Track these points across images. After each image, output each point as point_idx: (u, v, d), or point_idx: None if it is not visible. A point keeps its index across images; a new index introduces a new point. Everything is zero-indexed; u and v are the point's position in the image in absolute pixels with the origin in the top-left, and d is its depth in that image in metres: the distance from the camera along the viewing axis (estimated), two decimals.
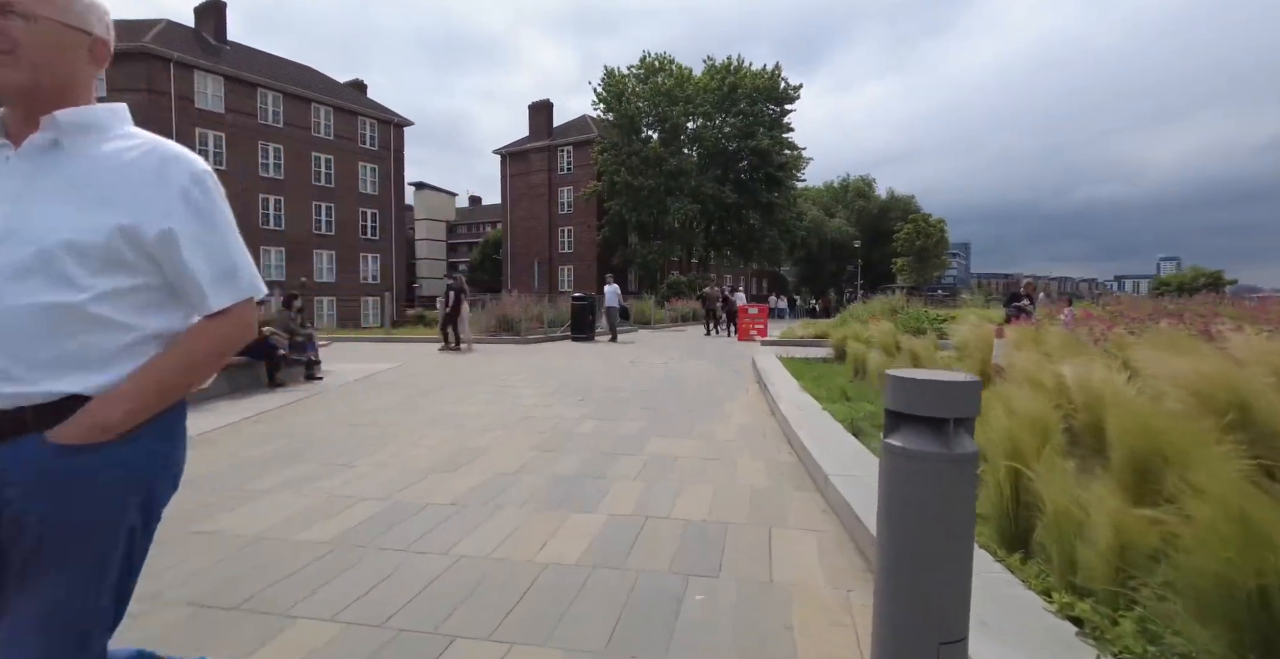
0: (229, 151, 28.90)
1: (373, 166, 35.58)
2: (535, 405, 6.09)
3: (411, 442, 4.57)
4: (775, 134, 35.35)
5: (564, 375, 8.42)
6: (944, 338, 8.84)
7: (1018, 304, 10.15)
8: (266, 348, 7.36)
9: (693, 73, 35.39)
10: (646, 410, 5.81)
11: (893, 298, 16.20)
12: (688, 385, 7.46)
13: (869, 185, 56.96)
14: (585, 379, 8.06)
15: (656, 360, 10.57)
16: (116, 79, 25.88)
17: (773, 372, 7.65)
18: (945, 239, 16.29)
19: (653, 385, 7.51)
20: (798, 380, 6.94)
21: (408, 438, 4.70)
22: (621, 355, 11.51)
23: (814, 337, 13.65)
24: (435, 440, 4.61)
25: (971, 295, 16.50)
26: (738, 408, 5.98)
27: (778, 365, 8.41)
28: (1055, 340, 6.61)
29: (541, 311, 16.45)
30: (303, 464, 3.95)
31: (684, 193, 34.03)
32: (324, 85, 34.46)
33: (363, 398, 6.67)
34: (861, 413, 4.96)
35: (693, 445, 4.46)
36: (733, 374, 8.77)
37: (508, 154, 42.90)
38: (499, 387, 7.39)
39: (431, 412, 5.78)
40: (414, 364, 9.93)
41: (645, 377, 8.35)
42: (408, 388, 7.33)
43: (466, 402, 6.32)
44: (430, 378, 8.24)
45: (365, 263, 35.31)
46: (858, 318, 15.56)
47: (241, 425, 5.25)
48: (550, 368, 9.32)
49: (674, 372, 8.95)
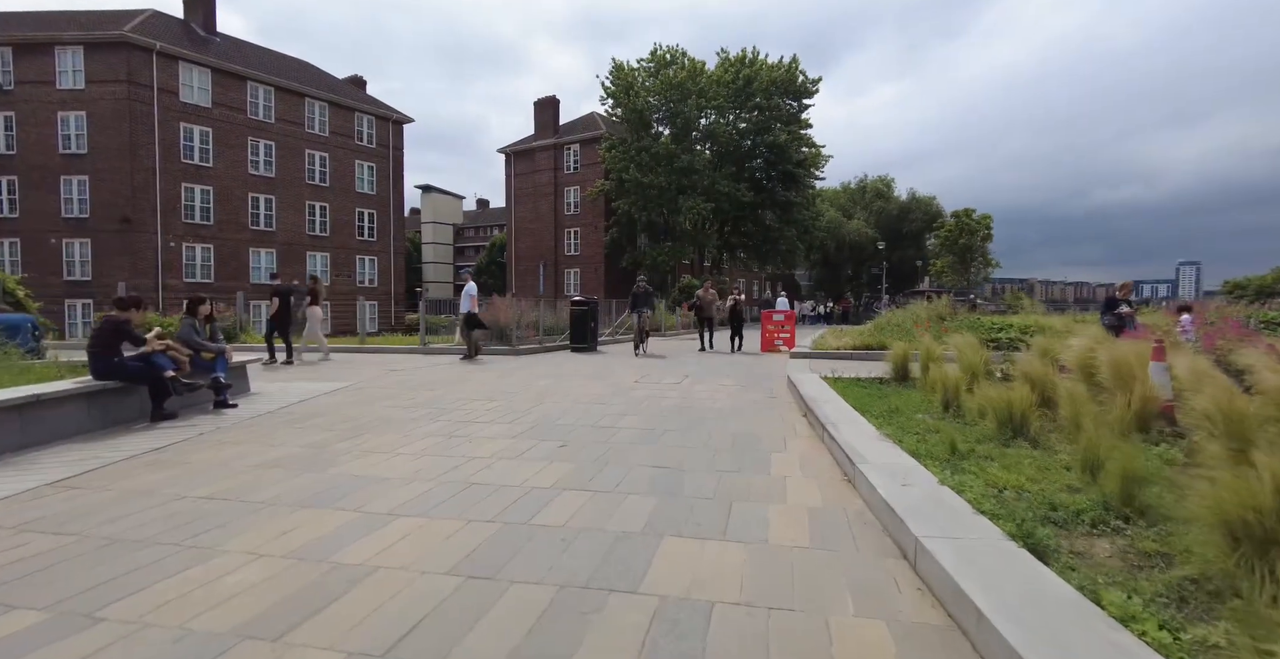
0: (216, 147, 27.37)
1: (370, 165, 34.00)
2: (493, 459, 4.19)
3: (256, 544, 2.69)
4: (793, 129, 33.42)
5: (549, 403, 6.52)
6: (1017, 352, 6.83)
7: (1119, 311, 8.15)
8: (152, 369, 5.53)
9: (705, 66, 33.55)
10: (656, 473, 3.89)
11: (936, 302, 14.18)
12: (711, 422, 5.53)
13: (888, 186, 54.76)
14: (573, 410, 6.15)
15: (667, 378, 8.64)
16: (95, 70, 24.49)
17: (824, 401, 5.70)
18: (991, 236, 14.53)
19: (663, 421, 5.58)
20: (865, 416, 5.01)
21: (259, 533, 2.82)
22: (622, 372, 9.60)
23: (852, 348, 11.66)
24: (299, 542, 2.73)
25: (1031, 301, 14.42)
26: (792, 467, 4.04)
27: (826, 390, 6.46)
28: (1190, 361, 4.70)
29: (538, 318, 14.61)
30: (19, 611, 2.07)
31: (696, 191, 32.13)
32: (319, 80, 32.96)
33: (263, 440, 4.80)
34: (1015, 495, 3.01)
35: (736, 564, 2.53)
36: (767, 399, 6.83)
37: (512, 153, 41.23)
38: (457, 422, 5.50)
39: (338, 471, 3.91)
40: (373, 383, 8.08)
41: (653, 406, 6.42)
42: (336, 424, 5.46)
43: (398, 451, 4.44)
44: (376, 406, 6.37)
45: (362, 265, 33.70)
46: (901, 326, 13.57)
47: (41, 494, 3.40)
48: (534, 391, 7.41)
49: (691, 397, 7.02)
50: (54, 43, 24.50)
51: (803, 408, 6.01)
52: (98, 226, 24.85)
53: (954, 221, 14.32)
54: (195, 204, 26.82)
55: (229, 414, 5.94)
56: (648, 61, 33.65)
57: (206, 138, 27.13)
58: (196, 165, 26.80)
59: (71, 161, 24.78)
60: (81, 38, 24.42)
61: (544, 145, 39.46)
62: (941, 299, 14.84)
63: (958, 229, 14.41)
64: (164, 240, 25.67)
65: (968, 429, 4.55)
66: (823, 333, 18.06)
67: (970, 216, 14.90)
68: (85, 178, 24.81)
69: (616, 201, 33.98)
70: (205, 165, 27.12)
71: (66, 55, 24.55)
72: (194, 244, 26.80)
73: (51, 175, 24.80)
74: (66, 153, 24.77)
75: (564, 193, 39.27)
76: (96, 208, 24.83)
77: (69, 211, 24.97)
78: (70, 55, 24.53)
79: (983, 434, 4.34)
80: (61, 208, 24.93)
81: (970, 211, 14.79)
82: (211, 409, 6.11)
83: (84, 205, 24.92)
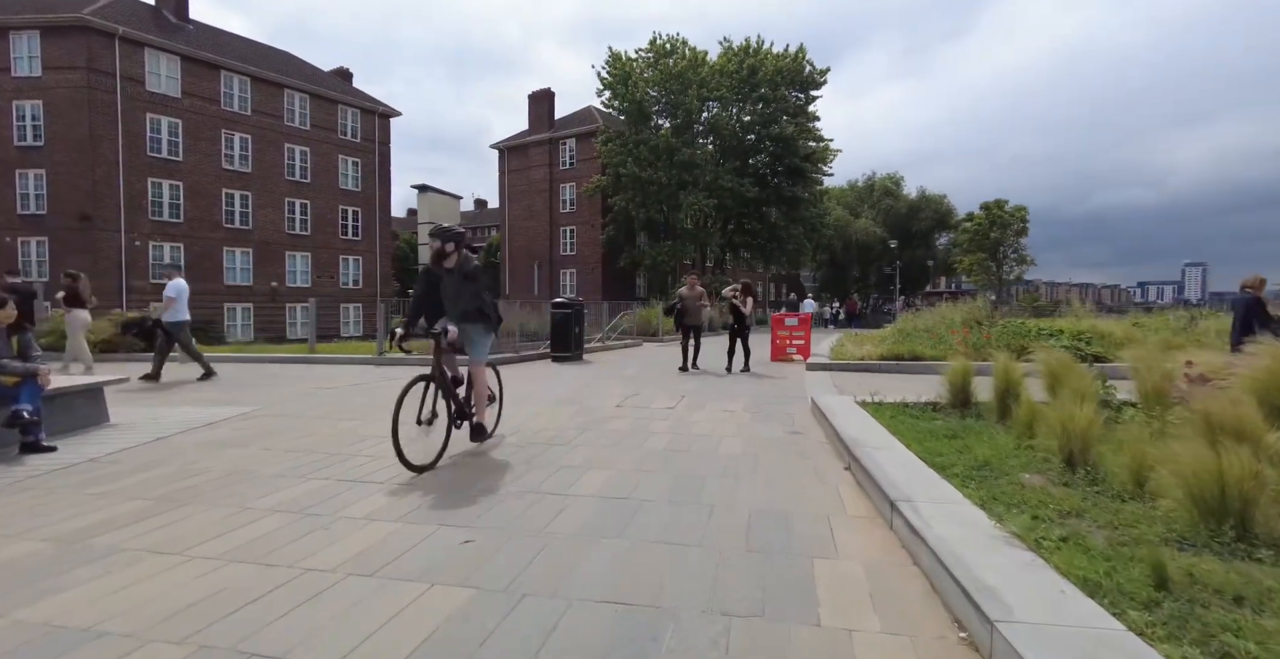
0: (186, 140, 25.68)
1: (355, 160, 32.31)
2: (341, 574, 2.42)
3: None
4: (800, 121, 31.64)
5: (486, 446, 4.76)
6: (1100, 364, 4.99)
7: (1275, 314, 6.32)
8: None
9: (707, 56, 31.81)
10: (612, 620, 2.12)
11: (971, 304, 12.38)
12: (712, 486, 3.74)
13: (897, 184, 52.84)
14: (517, 458, 4.40)
15: (658, 401, 6.85)
16: (52, 56, 22.86)
17: (874, 446, 3.93)
18: (1026, 229, 13.02)
19: (641, 483, 3.80)
20: (947, 479, 3.25)
21: None
22: (604, 390, 7.84)
23: (879, 358, 9.88)
24: None
25: (1080, 303, 12.61)
26: (855, 599, 2.26)
27: (870, 425, 4.70)
28: None
29: (520, 323, 12.88)
30: None
31: (698, 186, 30.34)
32: (299, 70, 31.30)
33: (7, 521, 3.05)
34: None
35: None
36: (789, 437, 5.06)
37: (506, 149, 39.52)
38: (338, 482, 3.74)
39: (32, 616, 2.15)
40: (281, 408, 6.33)
41: (631, 450, 4.65)
42: (162, 483, 3.71)
43: (195, 551, 2.67)
44: (250, 449, 4.61)
45: (345, 266, 31.99)
46: (931, 331, 11.79)
47: None
48: None
49: (685, 432, 5.24)
50: (7, 27, 22.85)
51: (843, 454, 4.24)
52: (56, 224, 23.18)
53: (983, 214, 12.89)
54: (164, 200, 25.13)
55: (32, 462, 4.20)
56: (646, 51, 31.91)
57: (176, 130, 25.45)
58: (165, 159, 25.12)
59: (27, 154, 23.12)
60: (37, 21, 22.78)
61: (538, 140, 37.74)
62: (976, 300, 13.04)
63: (988, 222, 12.94)
64: (128, 239, 24.00)
65: (1131, 510, 2.77)
66: (837, 337, 16.27)
67: (1002, 208, 13.44)
68: (42, 171, 23.14)
69: (614, 198, 32.23)
70: (174, 159, 25.43)
71: (21, 40, 22.90)
72: (162, 243, 25.11)
73: (6, 169, 23.14)
74: (22, 145, 23.10)
75: (559, 190, 37.55)
76: (54, 203, 23.15)
77: (24, 208, 23.30)
78: (25, 40, 22.89)
79: (1172, 528, 2.57)
80: (17, 204, 23.26)
81: (1002, 203, 13.32)
82: (16, 454, 4.37)
83: (40, 201, 23.25)
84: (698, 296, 10.13)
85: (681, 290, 10.31)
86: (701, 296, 10.23)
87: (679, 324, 10.16)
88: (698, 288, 10.25)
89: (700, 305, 10.17)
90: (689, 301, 10.03)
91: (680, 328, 10.19)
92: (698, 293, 10.18)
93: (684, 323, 10.06)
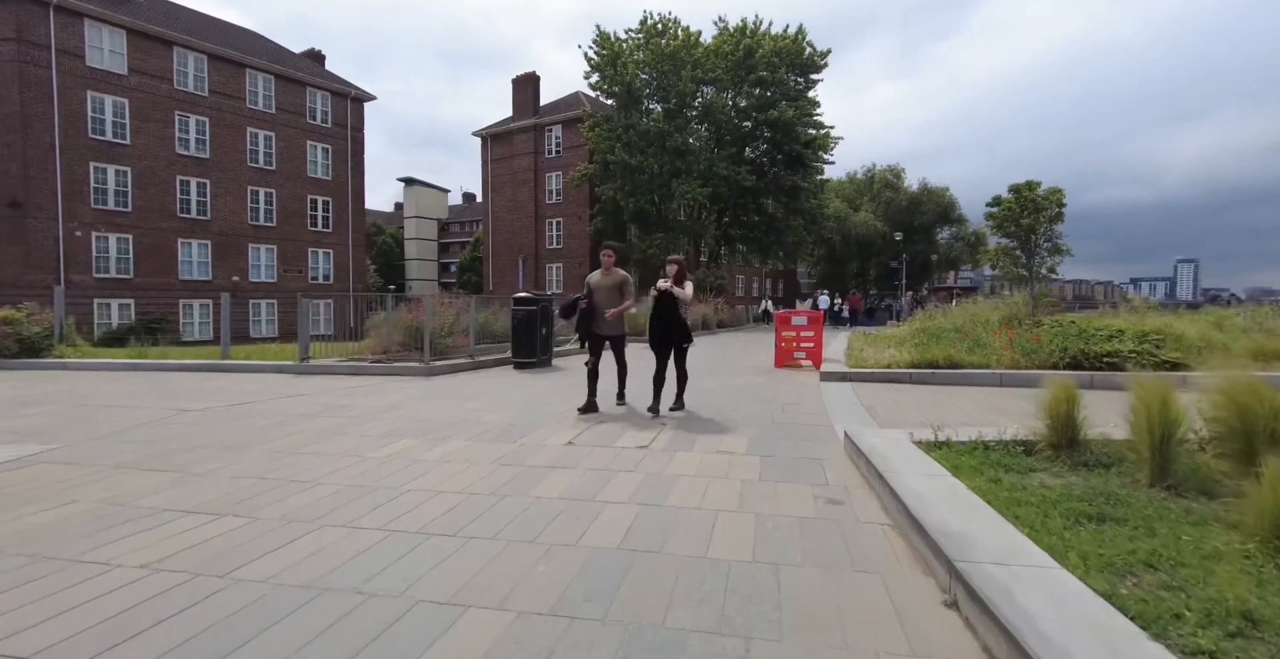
0: (134, 122, 23.55)
1: (325, 146, 30.22)
2: None
3: None
4: (800, 105, 29.73)
5: (330, 536, 2.88)
6: None
7: None
8: None
9: (701, 36, 29.87)
10: None
11: (1008, 300, 10.61)
12: (699, 654, 1.88)
13: (898, 176, 50.96)
14: (366, 567, 2.52)
15: (629, 439, 4.94)
16: None
17: (1002, 565, 2.08)
18: (1063, 215, 11.66)
19: (561, 654, 1.94)
20: None
21: None
22: (559, 415, 5.96)
23: (910, 366, 8.03)
24: None
25: (1142, 299, 10.88)
26: None
27: (968, 498, 2.85)
28: None
29: (485, 320, 10.97)
30: None
31: (691, 174, 28.42)
32: (264, 50, 29.15)
33: None
34: None
35: None
36: (823, 519, 3.19)
37: (489, 136, 37.44)
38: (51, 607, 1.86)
39: None
40: (107, 443, 4.43)
41: (562, 553, 2.78)
42: None
43: None
44: None
45: (315, 259, 29.93)
46: (962, 330, 9.96)
47: None
48: (353, 480, 3.78)
49: (657, 513, 3.38)
50: None
51: (927, 559, 2.38)
52: None
53: (1012, 197, 11.66)
54: (108, 187, 23.02)
55: None
56: (637, 32, 29.93)
57: (122, 110, 23.31)
58: (110, 142, 22.99)
59: None
60: None
61: (523, 127, 35.70)
62: (1018, 296, 11.24)
63: (1018, 207, 11.68)
64: (67, 228, 21.91)
65: None
66: (845, 336, 14.46)
67: (1034, 191, 12.12)
68: None
69: (602, 187, 30.30)
70: (121, 142, 23.30)
71: None
72: (107, 233, 23.01)
73: None
74: None
75: (545, 180, 35.54)
76: None
77: None
78: None
79: None
80: None
81: (1034, 185, 11.93)
82: None
83: None
84: (616, 285, 5.96)
85: (592, 276, 6.11)
86: (624, 284, 5.97)
87: (656, 333, 5.89)
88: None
89: (622, 303, 5.95)
90: (601, 291, 5.96)
91: (655, 336, 5.89)
92: (617, 280, 5.97)
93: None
